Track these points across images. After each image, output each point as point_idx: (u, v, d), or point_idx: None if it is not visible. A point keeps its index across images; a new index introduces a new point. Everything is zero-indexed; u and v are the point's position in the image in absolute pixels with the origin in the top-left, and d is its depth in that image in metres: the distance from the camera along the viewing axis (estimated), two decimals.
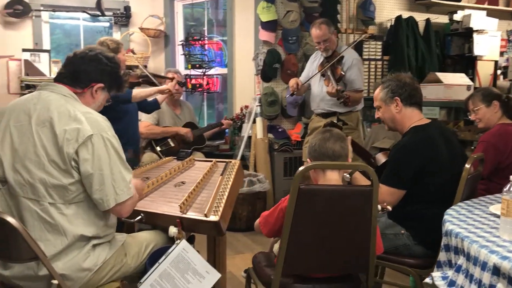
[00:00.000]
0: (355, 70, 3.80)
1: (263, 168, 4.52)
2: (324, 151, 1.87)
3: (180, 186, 2.30)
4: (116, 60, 1.96)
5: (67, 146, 1.66)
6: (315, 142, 1.90)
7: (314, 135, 1.95)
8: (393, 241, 2.22)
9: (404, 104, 2.33)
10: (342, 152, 1.88)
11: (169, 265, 1.87)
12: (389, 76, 2.43)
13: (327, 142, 1.88)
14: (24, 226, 1.66)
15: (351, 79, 3.78)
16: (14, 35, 4.92)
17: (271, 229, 1.92)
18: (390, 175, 2.22)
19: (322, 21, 3.78)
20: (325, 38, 3.72)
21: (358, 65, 3.84)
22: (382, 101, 2.37)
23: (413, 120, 2.32)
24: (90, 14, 5.21)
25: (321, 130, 1.96)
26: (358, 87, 3.82)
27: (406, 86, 2.33)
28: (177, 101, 4.50)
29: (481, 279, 1.42)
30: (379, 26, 5.16)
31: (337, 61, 3.71)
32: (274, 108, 4.68)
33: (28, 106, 1.76)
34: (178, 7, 5.53)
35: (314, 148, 1.90)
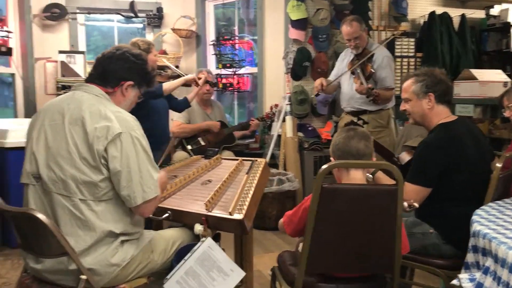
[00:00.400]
0: (386, 68, 3.74)
1: (293, 167, 4.51)
2: (348, 149, 1.85)
3: (207, 185, 2.32)
4: (143, 57, 2.00)
5: (97, 143, 1.71)
6: (338, 141, 1.89)
7: (338, 134, 1.93)
8: (421, 240, 2.18)
9: (437, 101, 2.29)
10: (367, 151, 1.86)
11: (194, 262, 1.89)
12: (423, 70, 2.37)
13: (351, 140, 1.86)
14: (55, 222, 1.73)
15: (381, 77, 3.73)
16: (52, 37, 5.09)
17: (295, 228, 1.92)
18: (416, 173, 2.18)
19: (353, 18, 3.74)
20: (356, 35, 3.68)
21: (389, 62, 3.78)
22: (414, 95, 2.31)
23: (441, 117, 2.27)
24: (124, 16, 5.33)
25: (345, 128, 1.93)
26: (388, 85, 3.76)
27: (442, 83, 2.28)
28: (208, 101, 4.55)
29: (508, 281, 1.39)
30: (412, 23, 5.07)
31: (368, 58, 3.66)
32: (304, 107, 4.66)
33: (62, 106, 1.82)
34: (209, 7, 5.58)
35: (337, 147, 1.88)
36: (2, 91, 5.13)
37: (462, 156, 2.15)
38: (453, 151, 2.15)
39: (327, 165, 1.71)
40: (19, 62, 4.89)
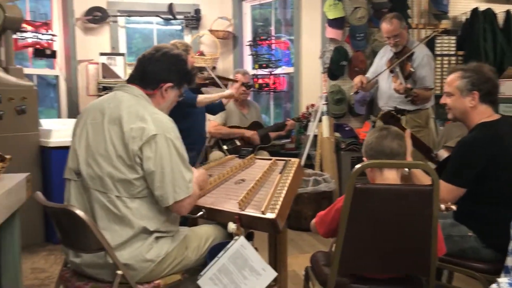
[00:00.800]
0: (425, 67, 3.66)
1: (329, 167, 4.48)
2: (381, 149, 1.82)
3: (241, 184, 2.33)
4: (183, 57, 2.02)
5: (132, 143, 1.75)
6: (371, 140, 1.86)
7: (370, 133, 1.90)
8: (460, 243, 2.12)
9: (481, 101, 2.19)
10: (400, 150, 1.82)
11: (227, 260, 1.90)
12: (471, 65, 2.27)
13: (384, 140, 1.82)
14: (93, 217, 1.79)
15: (421, 76, 3.65)
16: (93, 40, 5.25)
17: (327, 229, 1.90)
18: (451, 172, 2.12)
19: (394, 15, 3.68)
20: (395, 33, 3.62)
21: (429, 62, 3.70)
22: (458, 90, 2.22)
23: (483, 116, 2.19)
24: (163, 18, 5.43)
25: (378, 127, 1.90)
26: (428, 84, 3.68)
27: (489, 82, 2.19)
28: (245, 101, 4.57)
29: None
30: (453, 20, 4.92)
31: (407, 57, 3.59)
32: (341, 107, 4.62)
33: (103, 105, 1.88)
34: (246, 8, 5.61)
35: (370, 146, 1.85)
36: (48, 93, 5.33)
37: (503, 156, 2.07)
38: (493, 152, 2.07)
39: (360, 165, 1.69)
40: (63, 64, 5.07)
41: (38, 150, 3.82)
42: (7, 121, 3.57)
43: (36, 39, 4.51)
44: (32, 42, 4.52)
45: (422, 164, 1.72)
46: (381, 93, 3.92)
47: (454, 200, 2.08)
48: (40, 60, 4.89)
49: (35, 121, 3.82)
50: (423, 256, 1.71)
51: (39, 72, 5.01)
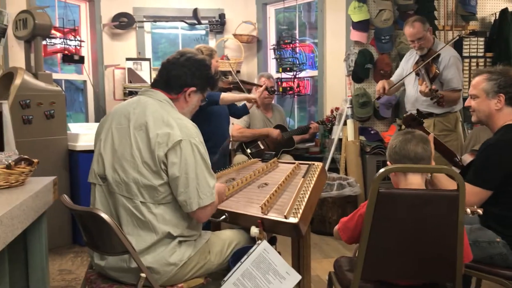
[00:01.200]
0: (452, 69, 3.60)
1: (354, 171, 4.43)
2: (405, 153, 1.79)
3: (263, 188, 2.33)
4: (207, 62, 2.04)
5: (158, 149, 1.77)
6: (395, 144, 1.83)
7: (394, 137, 1.87)
8: (487, 250, 2.07)
9: (507, 103, 2.18)
10: (425, 155, 1.79)
11: (250, 264, 1.90)
12: (498, 68, 2.26)
13: (408, 143, 1.79)
14: (118, 221, 1.81)
15: (448, 78, 3.60)
16: (120, 45, 5.34)
17: (351, 235, 1.87)
18: (476, 174, 2.08)
19: (416, 18, 3.66)
20: (419, 36, 3.59)
21: (456, 63, 3.64)
22: (484, 93, 2.21)
23: (508, 119, 2.15)
24: (188, 23, 5.49)
25: (402, 131, 1.87)
26: (455, 86, 3.62)
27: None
28: (269, 105, 4.58)
29: None
30: (481, 21, 4.82)
31: (433, 59, 3.54)
32: (366, 110, 4.57)
33: (128, 110, 1.90)
34: (270, 12, 5.62)
35: (394, 150, 1.83)
36: (77, 97, 5.45)
37: None
38: None
39: (384, 169, 1.67)
40: (90, 69, 5.17)
41: (66, 154, 3.90)
42: (36, 125, 3.66)
43: (65, 45, 4.62)
44: (60, 48, 4.62)
45: (447, 168, 1.68)
46: (408, 97, 3.88)
47: (480, 202, 2.05)
48: (69, 65, 4.99)
49: (63, 125, 3.91)
50: (449, 262, 1.67)
51: (67, 77, 5.12)
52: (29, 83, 3.65)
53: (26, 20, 3.76)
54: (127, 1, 5.34)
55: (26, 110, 3.59)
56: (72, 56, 4.61)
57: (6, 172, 1.86)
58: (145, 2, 5.43)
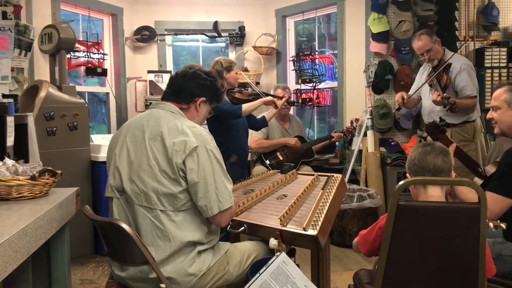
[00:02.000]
0: (464, 76, 3.67)
1: (375, 183, 4.39)
2: (424, 165, 1.78)
3: (282, 199, 2.33)
4: (214, 74, 2.10)
5: (176, 157, 1.80)
6: (414, 156, 1.82)
7: (414, 148, 1.86)
8: (511, 263, 2.03)
9: None
10: (444, 167, 1.77)
11: (269, 276, 1.90)
12: None
13: (427, 156, 1.78)
14: (137, 232, 1.83)
15: (461, 85, 3.67)
16: (142, 58, 5.44)
17: (370, 248, 1.86)
18: (497, 181, 2.07)
19: (423, 31, 3.78)
20: (427, 49, 3.70)
21: (467, 70, 3.70)
22: (505, 103, 2.23)
23: None
24: (208, 36, 5.56)
25: (422, 143, 1.86)
26: (469, 93, 3.67)
27: None
28: (286, 116, 4.58)
29: None
30: (504, 31, 4.76)
31: (444, 69, 3.64)
32: (386, 121, 4.54)
33: (142, 123, 1.94)
34: (290, 24, 5.66)
35: (413, 162, 1.82)
36: (100, 109, 5.55)
37: None
38: None
39: (404, 182, 1.65)
40: (113, 81, 5.26)
41: (89, 165, 3.97)
42: (60, 137, 3.74)
43: (88, 58, 4.72)
44: (84, 61, 4.73)
45: (467, 181, 1.66)
46: (424, 108, 3.96)
47: (501, 211, 2.02)
48: (92, 77, 5.10)
49: (86, 137, 3.98)
50: (471, 276, 1.65)
51: (90, 90, 5.23)
52: (54, 95, 3.73)
53: (51, 35, 3.87)
54: (149, 15, 5.45)
55: (50, 122, 3.68)
56: (95, 69, 4.71)
57: (31, 183, 1.91)
58: (166, 16, 5.52)
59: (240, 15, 5.63)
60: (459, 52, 4.49)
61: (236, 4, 5.61)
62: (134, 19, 5.38)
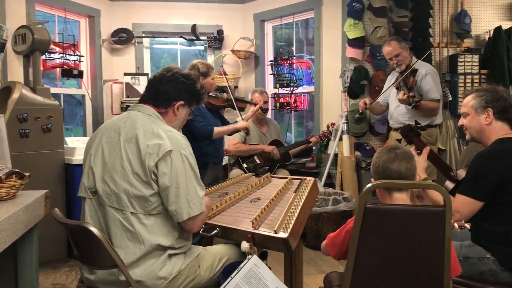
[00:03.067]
0: (428, 80, 3.86)
1: (350, 186, 4.44)
2: (388, 173, 1.79)
3: (256, 202, 2.34)
4: (193, 77, 2.09)
5: (149, 159, 1.80)
6: (378, 164, 1.82)
7: (378, 154, 1.86)
8: (477, 266, 2.07)
9: (496, 118, 2.23)
10: (409, 173, 1.78)
11: (241, 279, 1.90)
12: (485, 86, 2.34)
13: (391, 164, 1.79)
14: (107, 234, 1.83)
15: (426, 89, 3.85)
16: (119, 60, 5.40)
17: (339, 250, 1.87)
18: (468, 184, 2.11)
19: (392, 38, 3.97)
20: (396, 53, 3.88)
21: (431, 75, 3.91)
22: (473, 109, 2.28)
23: (500, 134, 2.19)
24: (186, 39, 5.55)
25: (386, 148, 1.87)
26: (433, 96, 3.86)
27: (502, 100, 2.23)
28: (264, 120, 4.60)
29: None
30: (476, 39, 4.87)
31: (410, 72, 3.82)
32: (361, 126, 4.59)
33: (118, 124, 1.94)
34: (268, 29, 5.68)
35: (377, 170, 1.82)
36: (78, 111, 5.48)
37: None
38: (510, 165, 2.05)
39: (371, 185, 1.68)
40: (89, 84, 5.21)
41: (63, 167, 3.92)
42: (33, 139, 3.68)
43: (64, 60, 4.66)
44: (60, 63, 4.67)
45: (434, 184, 1.69)
46: (390, 112, 4.12)
47: (471, 214, 2.07)
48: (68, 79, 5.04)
49: (60, 139, 3.93)
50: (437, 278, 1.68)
51: (66, 92, 5.16)
52: (27, 97, 3.68)
53: (25, 35, 3.81)
54: (127, 17, 5.41)
55: (23, 123, 3.62)
56: (71, 71, 4.65)
57: None
58: (144, 18, 5.50)
59: (219, 19, 5.64)
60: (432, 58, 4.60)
61: (214, 8, 5.62)
62: (111, 21, 5.34)
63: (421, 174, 2.16)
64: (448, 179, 2.40)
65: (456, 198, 2.11)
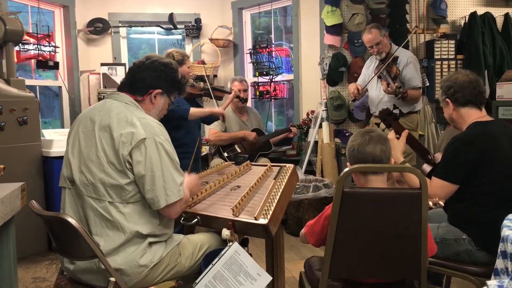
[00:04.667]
0: (410, 68, 3.89)
1: (330, 173, 4.48)
2: (363, 156, 1.79)
3: (236, 190, 2.35)
4: (173, 66, 2.06)
5: (123, 148, 1.78)
6: (353, 147, 1.82)
7: (353, 137, 1.87)
8: (454, 246, 2.12)
9: (457, 105, 2.27)
10: (383, 156, 1.78)
11: (222, 266, 1.91)
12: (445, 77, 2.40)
13: (366, 146, 1.78)
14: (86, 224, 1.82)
15: (407, 77, 3.87)
16: (95, 50, 5.32)
17: (318, 238, 1.88)
18: (444, 167, 2.16)
19: (372, 25, 3.95)
20: (377, 41, 3.87)
21: (413, 63, 3.93)
22: (441, 102, 2.36)
23: (471, 118, 2.22)
24: (164, 28, 5.48)
25: (361, 131, 1.88)
26: (415, 84, 3.89)
27: (455, 86, 2.25)
28: (243, 108, 4.59)
29: None
30: (452, 24, 4.93)
31: (392, 60, 3.82)
32: (340, 113, 4.63)
33: (94, 113, 1.92)
34: (246, 17, 5.66)
35: (353, 153, 1.82)
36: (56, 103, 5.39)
37: (496, 155, 2.09)
38: (484, 147, 2.09)
39: (348, 169, 1.70)
40: (65, 75, 5.12)
41: (40, 160, 3.86)
42: (9, 132, 3.62)
43: (39, 51, 4.57)
44: (34, 54, 4.57)
45: (409, 167, 1.72)
46: (371, 99, 4.10)
47: (446, 196, 2.12)
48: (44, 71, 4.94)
49: (37, 132, 3.87)
50: (414, 259, 1.71)
51: (42, 84, 5.07)
52: (1, 89, 3.60)
53: None
54: (102, 7, 5.33)
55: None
56: (46, 62, 4.56)
57: None
58: (120, 8, 5.42)
59: (196, 7, 5.59)
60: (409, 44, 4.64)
61: None
62: (87, 11, 5.25)
63: (399, 157, 2.20)
64: (425, 162, 2.44)
65: (432, 181, 2.15)
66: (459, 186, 2.11)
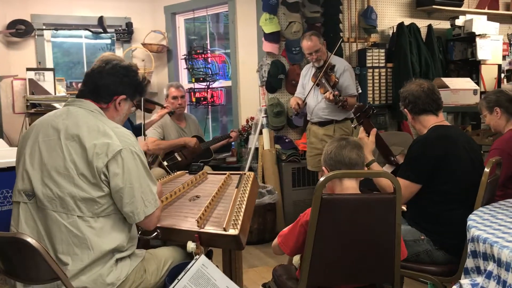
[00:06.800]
0: (347, 76, 3.97)
1: (272, 179, 4.49)
2: (340, 158, 1.84)
3: (195, 200, 2.26)
4: (134, 68, 1.96)
5: (97, 160, 1.67)
6: (331, 150, 1.87)
7: (330, 143, 1.92)
8: (413, 247, 2.19)
9: (413, 114, 2.37)
10: (359, 160, 1.85)
11: (188, 281, 1.83)
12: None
13: (343, 150, 1.84)
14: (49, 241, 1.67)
15: (344, 85, 3.95)
16: (17, 54, 4.94)
17: (294, 247, 1.85)
18: (406, 168, 2.23)
19: (312, 32, 3.99)
20: (316, 49, 3.91)
21: (349, 71, 4.03)
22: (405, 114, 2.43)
23: (431, 123, 2.33)
24: (92, 32, 5.23)
25: (336, 138, 1.93)
26: (352, 92, 3.99)
27: (410, 97, 2.35)
28: (181, 115, 4.47)
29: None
30: (381, 34, 5.16)
31: (330, 69, 3.90)
32: (280, 119, 4.66)
33: (57, 121, 1.77)
34: (179, 22, 5.54)
35: (330, 156, 1.87)
36: None
37: (454, 156, 2.19)
38: (444, 148, 2.19)
39: (327, 176, 1.69)
40: None
41: None
42: None
43: None
44: None
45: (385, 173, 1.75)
46: (309, 106, 4.10)
47: (410, 196, 2.19)
48: None
49: None
50: (388, 263, 1.74)
51: None
52: None
53: None
54: (24, 8, 4.97)
55: None
56: None
57: None
58: (44, 9, 5.08)
59: (127, 11, 5.38)
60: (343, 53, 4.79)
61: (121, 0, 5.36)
62: (7, 12, 4.85)
63: (368, 156, 2.25)
64: (387, 163, 2.51)
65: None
66: (421, 185, 2.19)
